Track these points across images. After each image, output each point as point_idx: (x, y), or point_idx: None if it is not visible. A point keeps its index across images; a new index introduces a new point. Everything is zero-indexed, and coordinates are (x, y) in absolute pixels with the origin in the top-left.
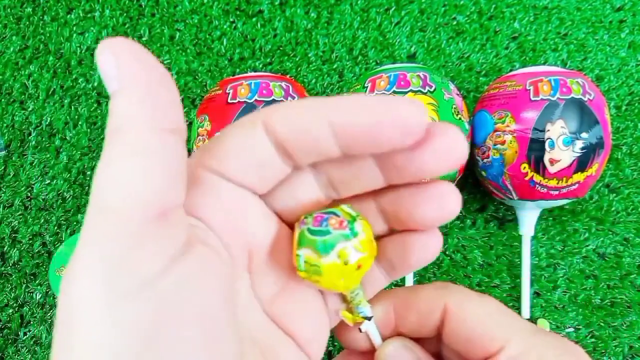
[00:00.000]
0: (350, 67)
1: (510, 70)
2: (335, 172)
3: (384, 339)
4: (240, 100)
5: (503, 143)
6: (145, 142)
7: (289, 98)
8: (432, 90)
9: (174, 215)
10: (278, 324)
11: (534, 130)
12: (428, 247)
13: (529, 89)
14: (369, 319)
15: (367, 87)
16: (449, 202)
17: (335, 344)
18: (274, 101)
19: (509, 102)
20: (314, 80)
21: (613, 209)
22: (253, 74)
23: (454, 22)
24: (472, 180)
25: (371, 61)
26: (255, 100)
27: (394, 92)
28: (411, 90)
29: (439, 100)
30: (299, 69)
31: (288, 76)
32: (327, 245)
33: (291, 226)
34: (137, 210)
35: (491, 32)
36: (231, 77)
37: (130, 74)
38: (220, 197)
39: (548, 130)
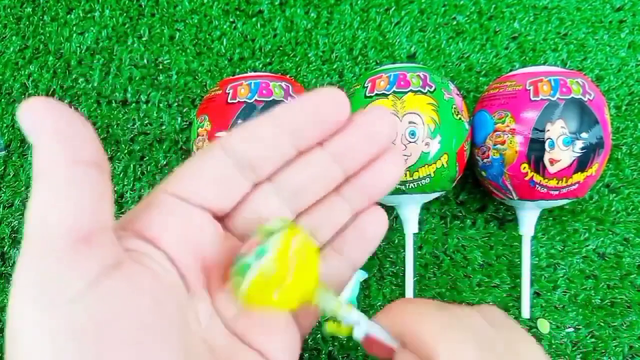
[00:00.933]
0: (350, 67)
1: (510, 70)
2: (294, 179)
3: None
4: (240, 100)
5: (503, 143)
6: (61, 177)
7: (289, 98)
8: (432, 90)
9: (99, 237)
10: (243, 340)
11: (534, 130)
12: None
13: (529, 89)
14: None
15: (367, 87)
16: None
17: (335, 343)
18: (274, 101)
19: (509, 102)
20: (314, 80)
21: (613, 209)
22: (253, 74)
23: (454, 22)
24: (472, 180)
25: (371, 61)
26: (255, 100)
27: (394, 92)
28: (411, 90)
29: (439, 100)
30: (299, 69)
31: (288, 76)
32: (242, 270)
33: None
34: (58, 237)
35: (491, 32)
36: (231, 77)
37: (43, 125)
38: (175, 218)
39: (548, 130)
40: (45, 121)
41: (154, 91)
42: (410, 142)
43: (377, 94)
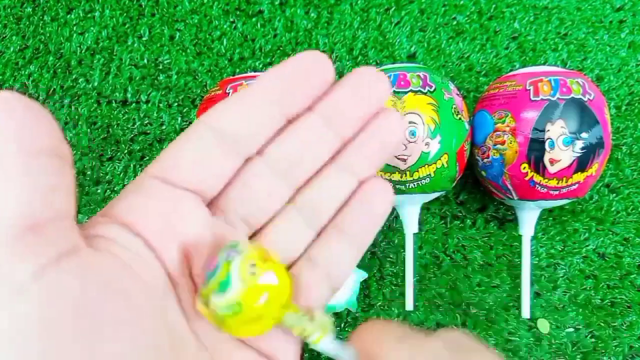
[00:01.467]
0: (350, 67)
1: (511, 70)
2: (286, 148)
3: None
4: None
5: (503, 143)
6: (10, 167)
7: None
8: (432, 90)
9: (50, 227)
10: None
11: (534, 130)
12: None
13: (529, 89)
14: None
15: None
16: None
17: None
18: None
19: (509, 102)
20: None
21: (613, 209)
22: (253, 73)
23: (454, 22)
24: (472, 180)
25: (371, 61)
26: None
27: (394, 92)
28: (411, 90)
29: (439, 100)
30: None
31: None
32: (205, 298)
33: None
34: (4, 227)
35: (491, 32)
36: (231, 77)
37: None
38: (156, 201)
39: (548, 130)
40: (4, 114)
41: (154, 91)
42: (410, 142)
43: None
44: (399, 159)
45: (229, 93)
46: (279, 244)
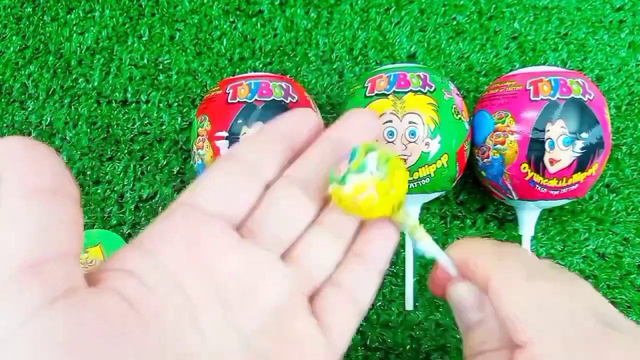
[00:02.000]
0: (350, 67)
1: (511, 70)
2: (301, 168)
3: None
4: (240, 100)
5: (503, 143)
6: (9, 208)
7: (289, 98)
8: (432, 90)
9: (49, 266)
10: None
11: (534, 130)
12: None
13: (529, 89)
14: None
15: (366, 87)
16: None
17: None
18: (273, 101)
19: (509, 102)
20: (314, 80)
21: (613, 209)
22: (253, 74)
23: (454, 22)
24: (472, 180)
25: (371, 61)
26: (255, 100)
27: (394, 91)
28: (411, 90)
29: (438, 100)
30: (299, 69)
31: (288, 76)
32: (343, 179)
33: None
34: (1, 269)
35: (491, 32)
36: (231, 77)
37: (4, 158)
38: (184, 225)
39: (548, 130)
40: (10, 155)
41: (154, 91)
42: (410, 142)
43: (377, 94)
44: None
45: (228, 93)
46: (312, 260)
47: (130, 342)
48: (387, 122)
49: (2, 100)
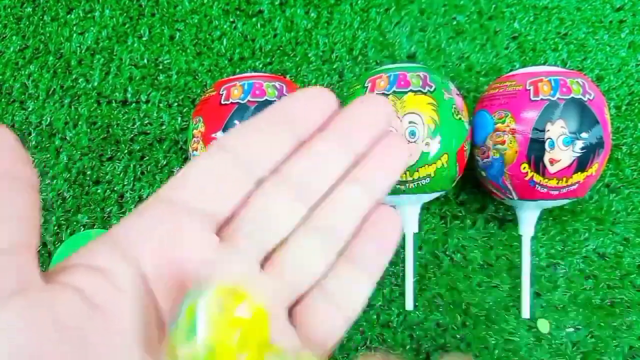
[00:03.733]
0: (350, 67)
1: (510, 71)
2: (298, 166)
3: None
4: (233, 101)
5: (503, 143)
6: None
7: (282, 98)
8: (432, 90)
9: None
10: None
11: (534, 130)
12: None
13: (529, 89)
14: None
15: (367, 87)
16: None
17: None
18: (267, 101)
19: (509, 102)
20: (314, 80)
21: (613, 209)
22: (247, 74)
23: (454, 22)
24: (472, 180)
25: (371, 61)
26: (248, 101)
27: (394, 92)
28: (411, 90)
29: (438, 100)
30: (299, 69)
31: (288, 76)
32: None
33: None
34: None
35: (491, 32)
36: (226, 79)
37: None
38: (158, 222)
39: (548, 130)
40: None
41: (154, 91)
42: (410, 142)
43: (376, 94)
44: None
45: (222, 94)
46: (297, 267)
47: (85, 348)
48: None
49: (2, 100)
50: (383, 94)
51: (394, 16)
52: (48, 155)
